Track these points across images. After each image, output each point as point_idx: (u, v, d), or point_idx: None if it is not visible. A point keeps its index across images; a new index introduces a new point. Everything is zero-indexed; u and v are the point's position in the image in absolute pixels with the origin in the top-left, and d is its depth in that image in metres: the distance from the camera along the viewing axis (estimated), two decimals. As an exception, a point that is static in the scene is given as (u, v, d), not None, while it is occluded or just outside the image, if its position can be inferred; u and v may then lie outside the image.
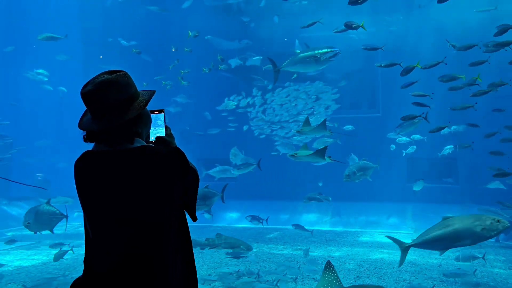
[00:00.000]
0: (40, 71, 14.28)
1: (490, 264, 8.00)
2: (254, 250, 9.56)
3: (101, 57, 16.45)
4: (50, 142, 16.31)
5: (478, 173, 11.37)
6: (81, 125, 2.17)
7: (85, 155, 2.21)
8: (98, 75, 2.15)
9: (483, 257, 7.33)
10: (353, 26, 8.29)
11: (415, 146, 11.01)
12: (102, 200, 2.10)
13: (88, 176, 2.15)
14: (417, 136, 10.81)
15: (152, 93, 2.26)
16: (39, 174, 14.88)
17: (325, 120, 8.61)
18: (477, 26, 12.17)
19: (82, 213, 2.22)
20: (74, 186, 2.20)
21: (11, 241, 9.63)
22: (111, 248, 2.06)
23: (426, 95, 8.93)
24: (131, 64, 10.12)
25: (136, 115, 2.13)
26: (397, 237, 9.66)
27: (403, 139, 10.97)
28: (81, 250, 9.31)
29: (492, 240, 9.44)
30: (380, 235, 10.24)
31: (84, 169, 2.18)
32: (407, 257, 8.07)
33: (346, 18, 8.92)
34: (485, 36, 8.56)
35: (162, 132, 2.39)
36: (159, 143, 2.34)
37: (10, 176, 14.11)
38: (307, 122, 8.63)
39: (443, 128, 9.41)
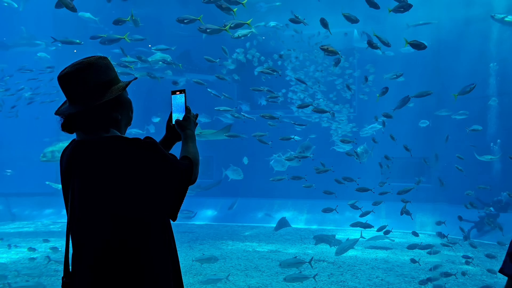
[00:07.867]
0: None
1: (460, 260, 8.21)
2: (229, 247, 9.55)
3: (75, 51, 16.03)
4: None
5: (449, 173, 11.65)
6: (57, 111, 2.05)
7: (70, 144, 2.11)
8: (78, 60, 2.04)
9: (309, 262, 7.23)
10: (297, 20, 8.62)
11: (377, 126, 10.86)
12: (75, 191, 2.00)
13: (65, 166, 2.07)
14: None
15: (133, 79, 2.18)
16: (8, 170, 14.46)
17: (229, 125, 8.45)
18: (450, 26, 12.47)
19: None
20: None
21: None
22: (87, 242, 1.97)
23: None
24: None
25: (114, 99, 2.03)
26: (371, 235, 9.85)
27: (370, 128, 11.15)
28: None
29: (461, 238, 9.70)
30: (354, 233, 10.36)
31: (63, 159, 2.10)
32: (379, 254, 8.18)
33: (320, 17, 8.95)
34: (458, 36, 8.75)
35: (181, 114, 2.34)
36: (175, 127, 2.32)
37: None
38: None
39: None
